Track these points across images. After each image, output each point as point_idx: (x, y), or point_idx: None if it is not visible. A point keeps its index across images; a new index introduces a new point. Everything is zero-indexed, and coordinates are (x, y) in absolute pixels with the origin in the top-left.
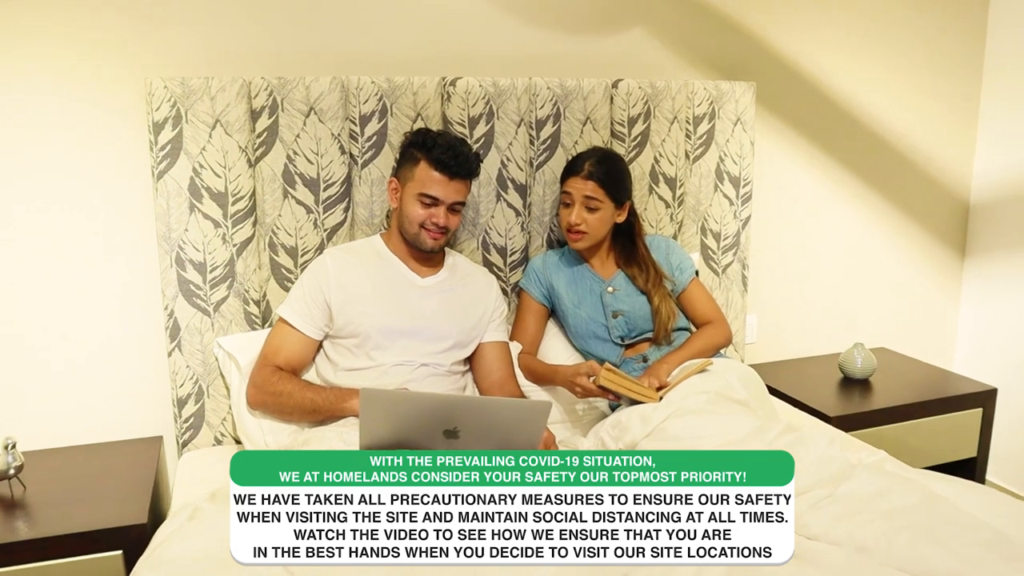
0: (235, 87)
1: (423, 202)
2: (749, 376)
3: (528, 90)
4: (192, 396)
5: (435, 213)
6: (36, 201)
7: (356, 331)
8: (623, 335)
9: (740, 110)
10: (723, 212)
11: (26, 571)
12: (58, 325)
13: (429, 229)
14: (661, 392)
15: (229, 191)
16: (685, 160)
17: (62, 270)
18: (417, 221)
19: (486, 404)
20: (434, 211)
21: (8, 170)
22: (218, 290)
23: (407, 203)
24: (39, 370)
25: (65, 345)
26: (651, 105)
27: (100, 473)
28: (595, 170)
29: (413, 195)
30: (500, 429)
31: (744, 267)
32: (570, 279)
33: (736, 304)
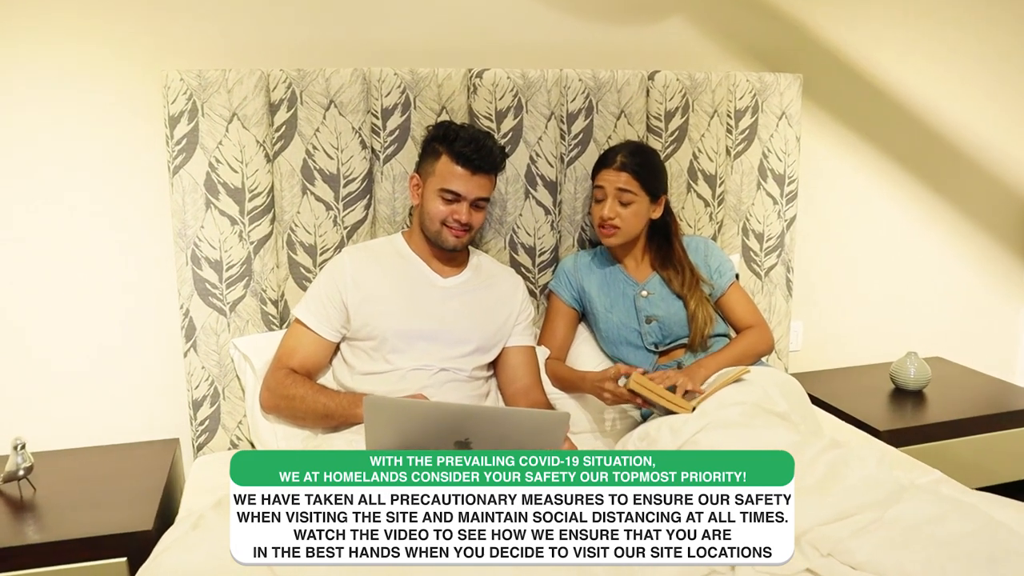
0: (253, 79)
1: (444, 198)
2: (790, 386)
3: (559, 82)
4: (208, 398)
5: (457, 210)
6: (53, 197)
7: (373, 333)
8: (657, 341)
9: (785, 103)
10: (766, 212)
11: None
12: (74, 324)
13: (451, 227)
14: (694, 402)
15: (246, 187)
16: (726, 156)
17: (78, 268)
18: (439, 218)
19: (500, 414)
20: (456, 207)
21: (26, 166)
22: (234, 289)
23: (428, 199)
24: (56, 369)
25: (81, 344)
26: (690, 98)
27: (112, 476)
28: (629, 161)
29: (434, 191)
30: (515, 441)
31: (788, 270)
32: (602, 281)
33: (779, 309)
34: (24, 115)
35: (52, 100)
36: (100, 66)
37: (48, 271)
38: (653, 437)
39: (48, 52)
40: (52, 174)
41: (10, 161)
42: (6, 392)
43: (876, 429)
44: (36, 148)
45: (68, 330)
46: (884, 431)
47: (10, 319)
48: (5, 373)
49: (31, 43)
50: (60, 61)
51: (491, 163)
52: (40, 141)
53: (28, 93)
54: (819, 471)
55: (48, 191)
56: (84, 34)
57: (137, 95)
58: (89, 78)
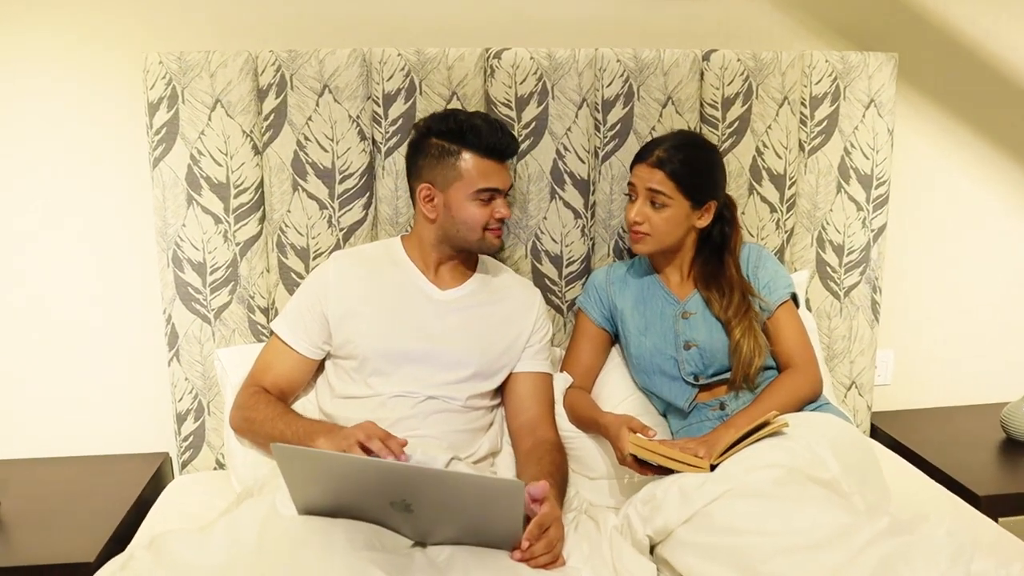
0: (238, 62)
1: (482, 199)
2: (848, 441)
3: (593, 63)
4: (192, 412)
5: (497, 207)
6: (37, 195)
7: (354, 352)
8: (696, 372)
9: (874, 89)
10: (848, 219)
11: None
12: (56, 326)
13: (493, 228)
14: (715, 458)
15: (231, 182)
16: (798, 152)
17: (57, 266)
18: (480, 224)
19: (437, 477)
20: (495, 205)
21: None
22: (219, 295)
23: (460, 208)
24: (39, 374)
25: (64, 349)
26: (753, 82)
27: (82, 492)
28: (667, 157)
29: (467, 196)
30: (461, 508)
31: (875, 290)
32: (638, 298)
33: (863, 336)
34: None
35: (32, 91)
36: (77, 49)
37: (34, 269)
38: (659, 500)
39: (29, 38)
40: (35, 167)
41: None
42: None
43: (974, 493)
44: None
45: (50, 332)
46: (984, 496)
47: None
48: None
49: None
50: (42, 47)
51: (513, 148)
52: (23, 132)
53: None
54: (868, 568)
55: (30, 186)
56: (61, 15)
57: (120, 81)
58: (70, 65)
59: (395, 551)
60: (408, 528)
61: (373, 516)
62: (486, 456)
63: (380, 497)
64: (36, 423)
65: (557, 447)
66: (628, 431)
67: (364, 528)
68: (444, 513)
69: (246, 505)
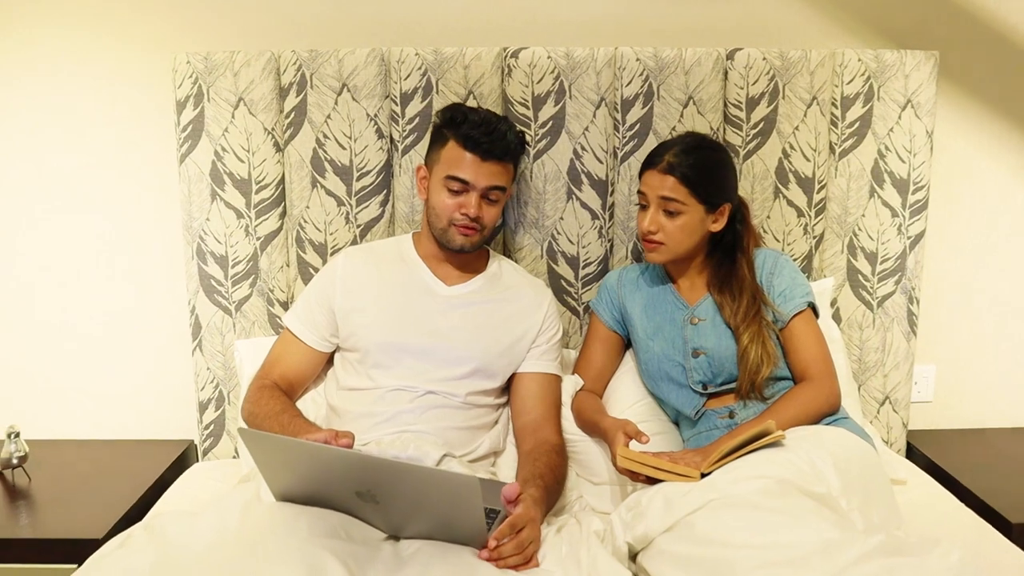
0: (261, 61)
1: (451, 188)
2: (855, 456)
3: (611, 62)
4: (213, 401)
5: (465, 202)
6: (65, 184)
7: (357, 345)
8: (705, 380)
9: (912, 89)
10: (882, 225)
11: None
12: (86, 314)
13: (459, 223)
14: (706, 466)
15: (253, 178)
16: (828, 155)
17: (89, 257)
18: (446, 213)
19: (397, 469)
20: (464, 200)
21: (37, 157)
22: (240, 287)
23: (434, 191)
24: (68, 358)
25: (94, 336)
26: (780, 81)
27: (107, 473)
28: (678, 162)
29: (440, 180)
30: (423, 501)
31: (911, 300)
32: (648, 302)
33: (898, 349)
34: (37, 106)
35: (64, 86)
36: (112, 50)
37: (62, 259)
38: (643, 508)
39: (59, 36)
40: (66, 161)
41: (20, 149)
42: (14, 379)
43: (1007, 520)
44: (50, 136)
45: (81, 318)
46: (1017, 524)
47: (24, 305)
48: (14, 359)
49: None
50: (73, 45)
51: (503, 148)
52: (54, 128)
53: (39, 85)
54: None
55: (60, 178)
56: (96, 17)
57: (150, 80)
58: (101, 63)
59: (364, 542)
60: (381, 520)
61: (345, 506)
62: (486, 455)
63: (346, 487)
64: (73, 407)
65: (557, 449)
66: (624, 436)
67: (333, 517)
68: (408, 506)
69: (235, 490)
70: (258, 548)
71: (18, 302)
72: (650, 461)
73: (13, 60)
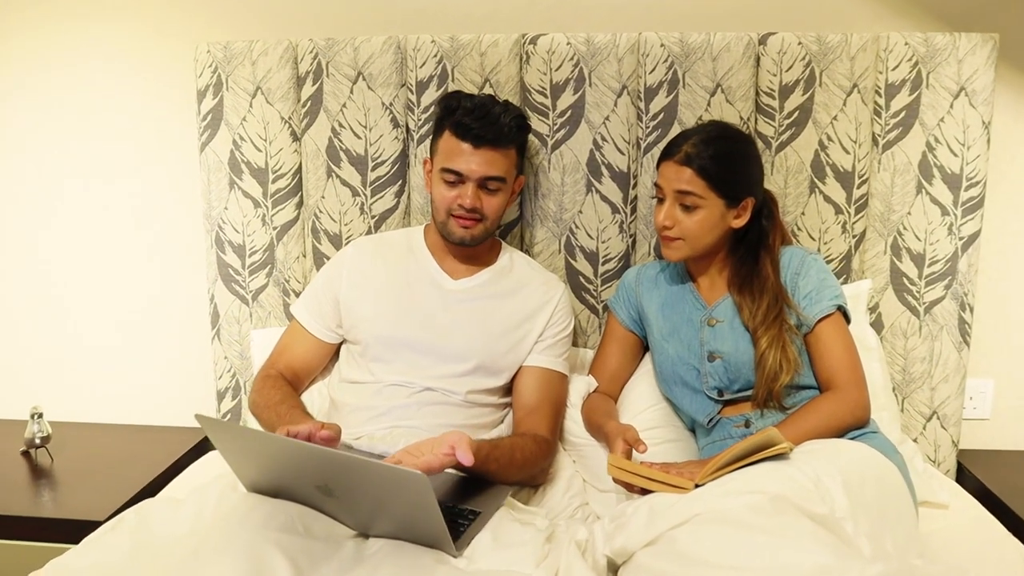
0: (278, 50)
1: (447, 180)
2: (872, 475)
3: (634, 48)
4: (230, 390)
5: (461, 193)
6: (93, 174)
7: (358, 337)
8: (720, 386)
9: (966, 76)
10: (931, 224)
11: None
12: (111, 301)
13: (456, 214)
14: (700, 477)
15: (269, 167)
16: (871, 147)
17: (114, 245)
18: (444, 205)
19: (345, 463)
20: (460, 191)
21: (66, 146)
22: (257, 277)
23: (434, 184)
24: (92, 343)
25: (117, 322)
26: (816, 68)
27: (125, 457)
28: (696, 153)
29: (437, 172)
30: (377, 496)
31: (963, 307)
32: (665, 301)
33: (948, 360)
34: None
35: (94, 78)
36: (138, 40)
37: (89, 245)
38: (627, 518)
39: (87, 27)
40: (94, 150)
41: (51, 137)
42: (40, 361)
43: None
44: (81, 123)
45: (106, 304)
46: None
47: (51, 291)
48: (41, 343)
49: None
50: (99, 36)
51: (495, 133)
52: (80, 116)
53: (73, 74)
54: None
55: (88, 167)
56: (121, 9)
57: (173, 69)
58: (126, 53)
59: (326, 538)
60: (347, 516)
61: (310, 500)
62: None
63: (304, 479)
64: (97, 391)
65: (536, 439)
66: (622, 443)
67: (294, 510)
68: (367, 502)
69: (216, 479)
70: (210, 539)
71: (46, 288)
72: (642, 471)
73: (49, 51)
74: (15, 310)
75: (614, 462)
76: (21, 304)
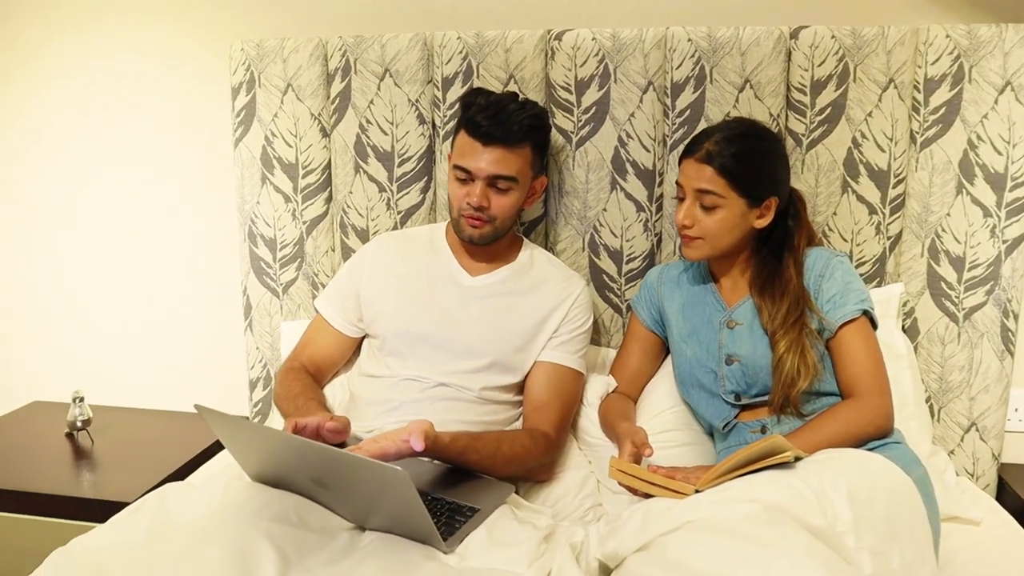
0: (309, 48)
1: (458, 177)
2: (885, 488)
3: (661, 43)
4: (261, 381)
5: (470, 191)
6: (130, 164)
7: (377, 331)
8: (738, 390)
9: (1011, 70)
10: (972, 226)
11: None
12: (151, 291)
13: (466, 213)
14: (702, 482)
15: (300, 162)
16: (908, 145)
17: (157, 237)
18: (455, 203)
19: (332, 456)
20: (469, 188)
21: (108, 139)
22: (287, 270)
23: (449, 181)
24: (132, 331)
25: (158, 310)
26: (850, 62)
27: (161, 442)
28: (717, 151)
29: (452, 169)
30: (366, 492)
31: (1007, 314)
32: (687, 301)
33: (989, 369)
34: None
35: (131, 74)
36: (177, 37)
37: (130, 241)
38: (622, 522)
39: (127, 25)
40: (137, 143)
41: (91, 127)
42: (84, 348)
43: None
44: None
45: (147, 293)
46: None
47: (96, 282)
48: (85, 330)
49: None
50: (138, 33)
51: (504, 131)
52: (122, 110)
53: (109, 66)
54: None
55: (132, 158)
56: (160, 7)
57: (210, 66)
58: (165, 50)
59: (320, 530)
60: (343, 509)
61: (308, 492)
62: None
63: (302, 471)
64: (142, 378)
65: (534, 435)
66: (631, 446)
67: (291, 501)
68: (358, 495)
69: (226, 468)
70: (208, 527)
71: (91, 279)
72: (643, 475)
73: (93, 45)
74: (65, 301)
75: (616, 464)
76: (69, 295)
